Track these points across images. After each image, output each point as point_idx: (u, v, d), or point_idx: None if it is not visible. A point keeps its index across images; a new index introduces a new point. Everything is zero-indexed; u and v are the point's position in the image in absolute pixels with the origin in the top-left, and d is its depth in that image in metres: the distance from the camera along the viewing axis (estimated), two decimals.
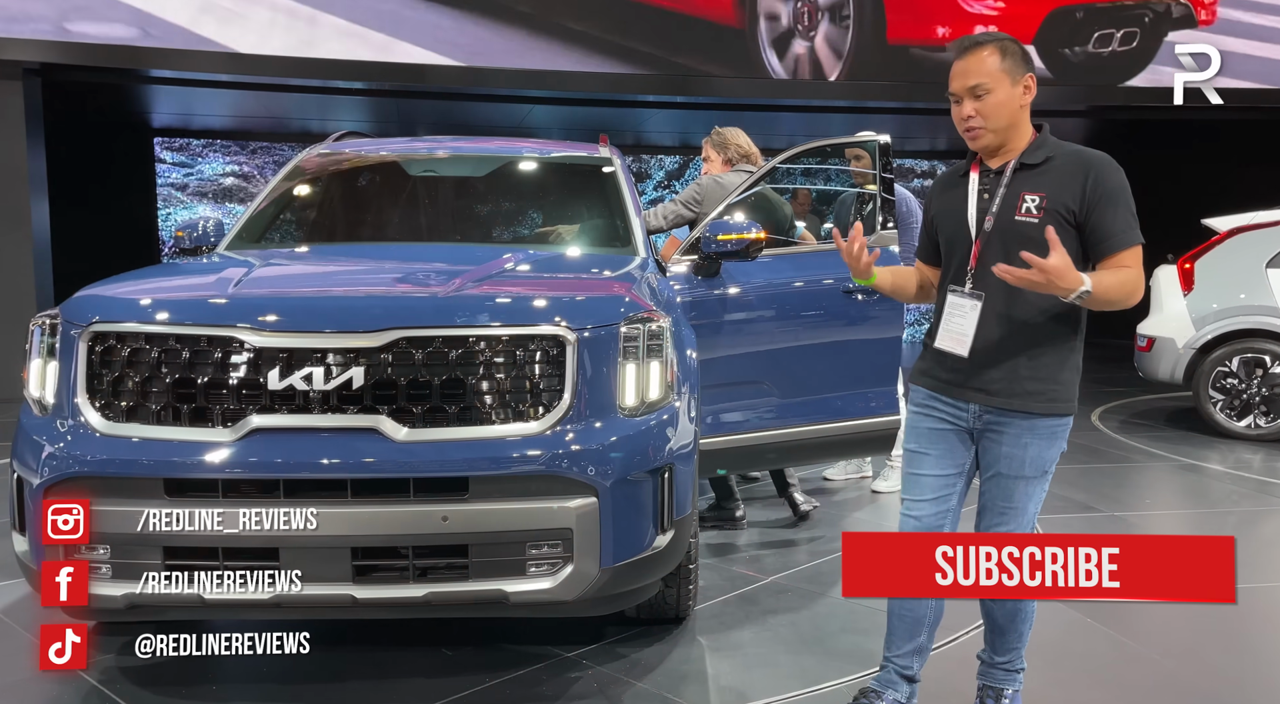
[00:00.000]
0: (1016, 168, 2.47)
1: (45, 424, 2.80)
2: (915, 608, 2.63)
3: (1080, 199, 2.39)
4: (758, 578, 4.02)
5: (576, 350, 2.81)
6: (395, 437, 2.68)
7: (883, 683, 2.69)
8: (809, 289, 4.39)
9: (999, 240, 2.45)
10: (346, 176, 4.55)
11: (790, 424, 4.36)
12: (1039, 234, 2.37)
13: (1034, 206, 2.41)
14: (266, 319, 2.71)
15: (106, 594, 2.66)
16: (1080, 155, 2.45)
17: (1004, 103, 2.44)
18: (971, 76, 2.44)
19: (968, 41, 2.48)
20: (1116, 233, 2.39)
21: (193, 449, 2.66)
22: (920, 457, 2.62)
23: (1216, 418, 7.33)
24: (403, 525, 2.67)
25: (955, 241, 2.56)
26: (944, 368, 2.56)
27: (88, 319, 2.79)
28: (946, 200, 2.61)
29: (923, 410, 2.63)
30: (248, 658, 3.10)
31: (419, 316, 2.76)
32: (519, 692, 2.97)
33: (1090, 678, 3.15)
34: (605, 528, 2.76)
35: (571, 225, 4.34)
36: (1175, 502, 5.56)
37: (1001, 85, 2.43)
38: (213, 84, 10.02)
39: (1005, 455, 2.49)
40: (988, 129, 2.45)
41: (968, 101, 2.45)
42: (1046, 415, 2.47)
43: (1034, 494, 2.52)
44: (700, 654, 3.25)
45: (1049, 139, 2.50)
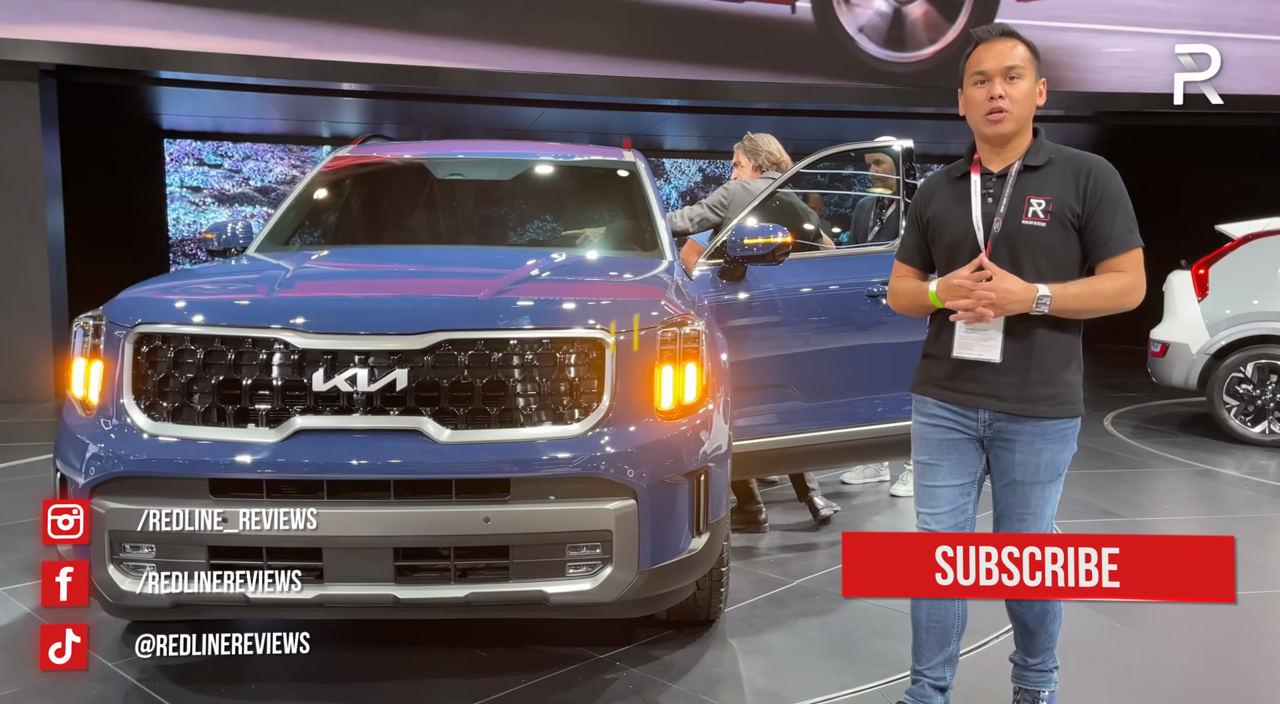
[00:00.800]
0: (1020, 170, 2.45)
1: (90, 424, 2.82)
2: (943, 618, 2.61)
3: (1081, 202, 2.39)
4: (783, 581, 4.04)
5: (615, 353, 2.83)
6: (438, 438, 2.70)
7: (917, 697, 2.66)
8: (833, 293, 4.40)
9: (1007, 245, 2.43)
10: (374, 180, 4.58)
11: (814, 428, 4.38)
12: (1046, 238, 2.39)
13: (1040, 210, 2.40)
14: (311, 321, 2.73)
15: (151, 592, 2.69)
16: (1078, 158, 2.45)
17: (1030, 93, 2.44)
18: (1009, 58, 2.42)
19: (1000, 28, 2.48)
20: (1115, 236, 2.39)
21: (237, 450, 2.69)
22: (932, 468, 2.59)
23: (1231, 424, 7.35)
24: (446, 526, 2.69)
25: (960, 245, 2.50)
26: (952, 376, 2.52)
27: (133, 320, 2.81)
28: (944, 204, 2.56)
29: (930, 421, 2.60)
30: (286, 658, 3.14)
31: (462, 319, 2.78)
32: (555, 693, 2.99)
33: (1123, 681, 3.16)
34: (644, 530, 2.78)
35: (598, 229, 4.37)
36: (1194, 507, 5.58)
37: (1029, 75, 2.44)
38: (223, 86, 10.06)
39: (1020, 463, 2.47)
40: (1013, 115, 2.42)
41: (999, 82, 2.42)
42: (1057, 419, 2.45)
43: (1051, 498, 2.51)
44: (733, 657, 3.27)
45: (1046, 142, 2.50)
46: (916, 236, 2.65)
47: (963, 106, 2.53)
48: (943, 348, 2.55)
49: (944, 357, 2.54)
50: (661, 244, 4.09)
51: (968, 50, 2.51)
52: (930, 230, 2.59)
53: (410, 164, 4.56)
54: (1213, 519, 5.25)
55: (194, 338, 2.77)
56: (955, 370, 2.52)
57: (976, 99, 2.46)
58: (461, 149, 4.74)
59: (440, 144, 4.90)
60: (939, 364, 2.56)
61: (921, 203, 2.64)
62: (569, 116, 11.25)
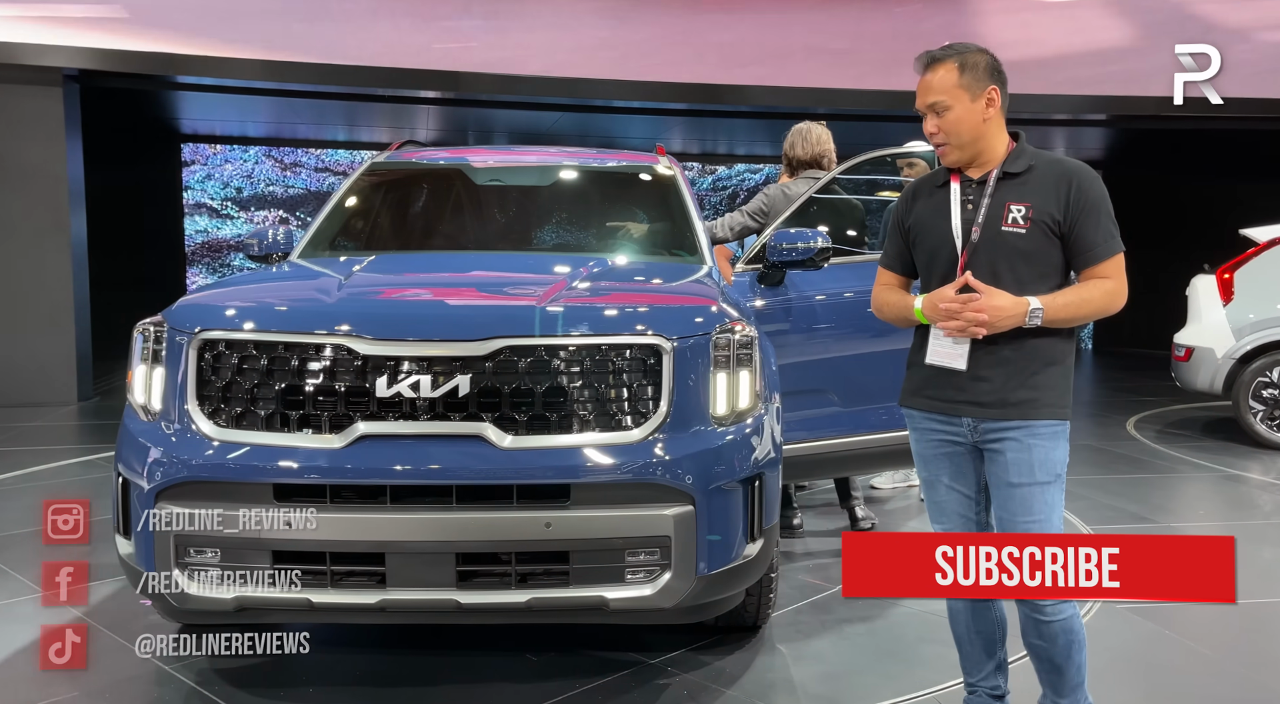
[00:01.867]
0: (1000, 177, 2.43)
1: (153, 429, 2.84)
2: (985, 629, 2.61)
3: (1064, 209, 2.37)
4: (825, 586, 4.05)
5: (672, 359, 2.85)
6: (500, 444, 2.72)
7: None
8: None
9: (985, 251, 2.41)
10: (414, 185, 4.60)
11: (851, 433, 4.40)
12: (1026, 244, 2.38)
13: (1020, 217, 2.38)
14: (375, 327, 2.75)
15: (215, 596, 2.71)
16: (1060, 164, 2.44)
17: (962, 118, 2.41)
18: (930, 93, 2.42)
19: (927, 57, 2.46)
20: (1099, 243, 2.38)
21: (302, 455, 2.71)
22: (935, 482, 2.58)
23: (1257, 428, 7.34)
24: (508, 531, 2.71)
25: (938, 253, 2.50)
26: (933, 385, 2.51)
27: (196, 327, 2.83)
28: (925, 210, 2.55)
29: (921, 433, 2.59)
30: (342, 661, 3.17)
31: (523, 326, 2.80)
32: (610, 698, 3.00)
33: (1172, 688, 3.17)
34: (701, 536, 2.79)
35: (641, 225, 4.37)
36: (1226, 513, 5.57)
37: (960, 101, 2.40)
38: (243, 91, 10.10)
39: (1013, 463, 2.41)
40: (951, 145, 2.43)
41: (930, 117, 2.43)
42: (1039, 420, 2.41)
43: (1054, 502, 2.42)
44: (784, 662, 3.29)
45: (1027, 148, 2.47)
46: (898, 243, 2.64)
47: None
48: (923, 356, 2.54)
49: (923, 364, 2.54)
50: (701, 250, 4.11)
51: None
52: (911, 237, 2.59)
53: (449, 170, 4.58)
54: (1248, 525, 5.23)
55: (258, 344, 2.79)
56: (936, 379, 2.49)
57: (925, 132, 2.50)
58: (500, 155, 4.76)
59: (478, 150, 4.93)
60: (920, 372, 2.55)
61: (903, 209, 2.64)
62: (584, 121, 11.29)
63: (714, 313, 3.03)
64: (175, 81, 9.78)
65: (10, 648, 3.34)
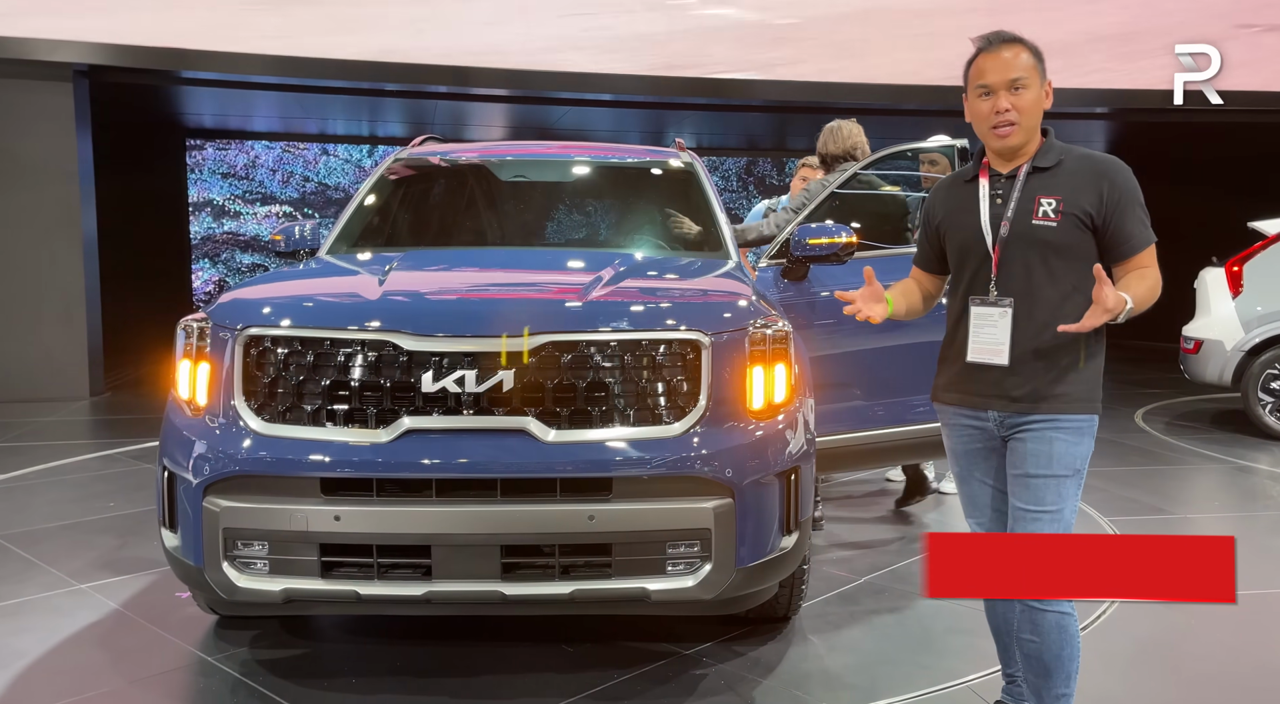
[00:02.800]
0: (1030, 171, 2.43)
1: (200, 425, 2.87)
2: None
3: (1099, 204, 2.37)
4: (851, 578, 4.09)
5: (711, 354, 2.88)
6: (544, 438, 2.76)
7: (1016, 696, 2.69)
8: None
9: (1017, 246, 2.42)
10: (439, 181, 4.63)
11: (875, 426, 4.44)
12: (1057, 237, 2.37)
13: (1051, 210, 2.38)
14: (420, 324, 2.78)
15: (264, 589, 2.75)
16: (1091, 159, 2.44)
17: (1037, 101, 2.41)
18: (1013, 69, 2.39)
19: (1002, 35, 2.43)
20: (1135, 234, 2.39)
21: (349, 450, 2.74)
22: (968, 477, 2.62)
23: (1266, 420, 7.39)
24: (552, 524, 2.74)
25: (969, 249, 2.50)
26: (966, 380, 2.52)
27: (242, 324, 2.87)
28: (954, 207, 2.55)
29: (952, 429, 2.61)
30: (382, 651, 3.21)
31: (565, 321, 2.84)
32: (650, 688, 3.04)
33: (1211, 680, 3.21)
34: (740, 528, 2.83)
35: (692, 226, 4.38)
36: (1241, 504, 5.61)
37: (1035, 83, 2.40)
38: (251, 86, 10.10)
39: (1031, 453, 2.41)
40: (1020, 126, 2.39)
41: (1004, 95, 2.39)
42: (1068, 414, 2.41)
43: (1068, 495, 2.41)
44: (818, 652, 3.33)
45: (1056, 143, 2.48)
46: (927, 241, 2.67)
47: (969, 115, 2.51)
48: (956, 352, 2.56)
49: (956, 360, 2.55)
50: (726, 244, 4.15)
51: (970, 58, 2.48)
52: (941, 234, 2.60)
53: (474, 166, 4.61)
54: (1263, 516, 5.29)
55: (304, 340, 2.83)
56: (969, 373, 2.51)
57: (982, 112, 2.43)
58: (523, 150, 4.78)
59: (500, 145, 4.96)
60: (952, 368, 2.57)
61: (932, 207, 2.65)
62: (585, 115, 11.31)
63: (750, 308, 3.07)
64: (183, 77, 9.78)
65: (53, 640, 3.37)
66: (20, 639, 3.37)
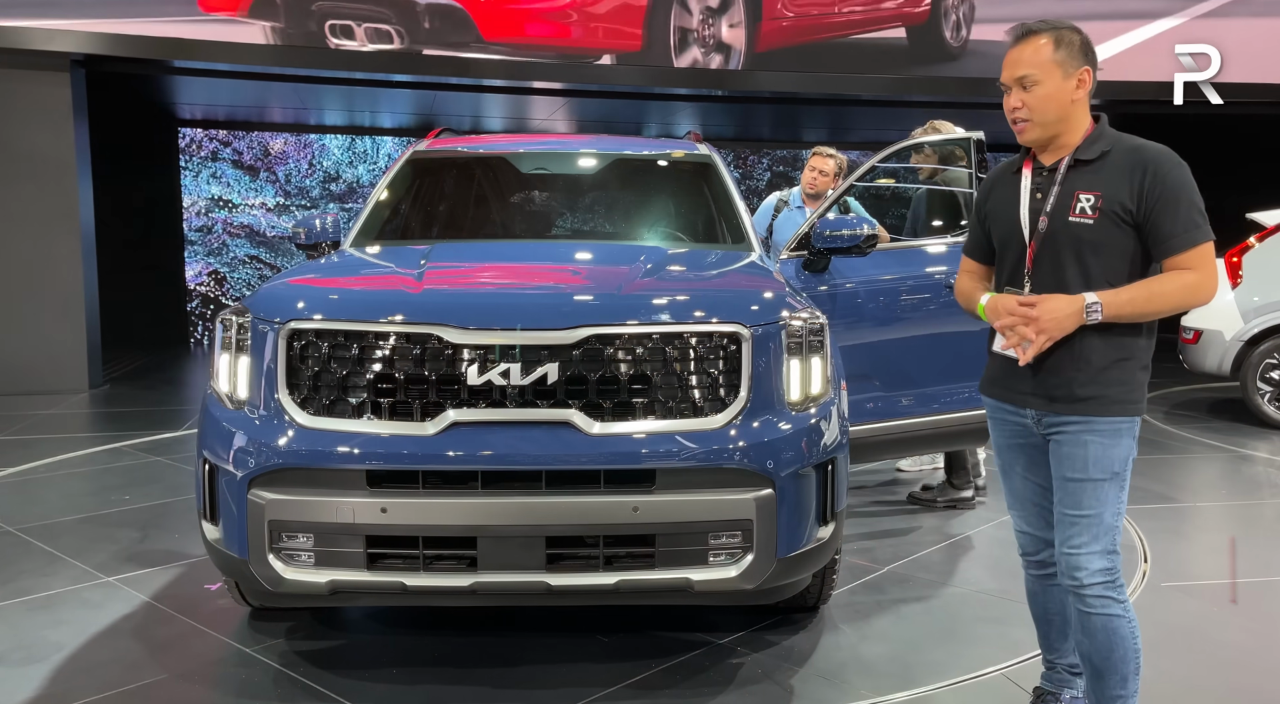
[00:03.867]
0: (1071, 165, 2.37)
1: (243, 418, 2.88)
2: (1060, 610, 2.63)
3: (1138, 198, 2.29)
4: (874, 567, 4.13)
5: (751, 346, 2.91)
6: (589, 430, 2.78)
7: (1055, 683, 2.72)
8: (915, 283, 4.49)
9: (1052, 242, 2.38)
10: (458, 174, 4.63)
11: (893, 417, 4.48)
12: (1093, 235, 2.31)
13: (1089, 207, 2.32)
14: (466, 317, 2.79)
15: (310, 580, 2.76)
16: (1139, 150, 2.34)
17: (1052, 96, 2.33)
18: (1020, 66, 2.35)
19: (1023, 29, 2.38)
20: (1177, 233, 2.27)
21: (395, 443, 2.75)
22: (1009, 472, 2.62)
23: (1265, 409, 7.48)
24: (597, 515, 2.76)
25: (1009, 242, 2.48)
26: (1006, 374, 2.51)
27: (285, 317, 2.87)
28: (999, 198, 2.53)
29: (996, 423, 2.61)
30: (423, 643, 3.23)
31: (608, 314, 2.85)
32: (687, 677, 3.07)
33: (1238, 664, 3.27)
34: (781, 519, 2.86)
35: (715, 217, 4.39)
36: (1248, 492, 5.68)
37: (1052, 77, 2.33)
38: (244, 76, 10.02)
39: (1067, 456, 2.39)
40: (1034, 122, 2.36)
41: (1015, 92, 2.37)
42: (1103, 416, 2.36)
43: (1107, 499, 2.37)
44: (850, 642, 3.37)
45: (1106, 131, 2.39)
46: (977, 230, 2.64)
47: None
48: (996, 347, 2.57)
49: (997, 354, 2.55)
50: (748, 236, 4.17)
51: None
52: (986, 225, 2.58)
53: (493, 158, 4.61)
54: (1275, 504, 5.36)
55: (348, 334, 2.83)
56: (1010, 368, 2.48)
57: (1005, 108, 2.42)
58: (542, 143, 4.79)
59: (519, 138, 4.96)
60: (996, 361, 2.57)
61: (982, 197, 2.63)
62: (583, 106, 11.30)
63: (787, 300, 3.10)
64: (174, 66, 9.69)
65: (89, 632, 3.38)
66: (58, 631, 3.38)
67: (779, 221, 5.77)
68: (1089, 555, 2.38)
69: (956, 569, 4.13)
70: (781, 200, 5.88)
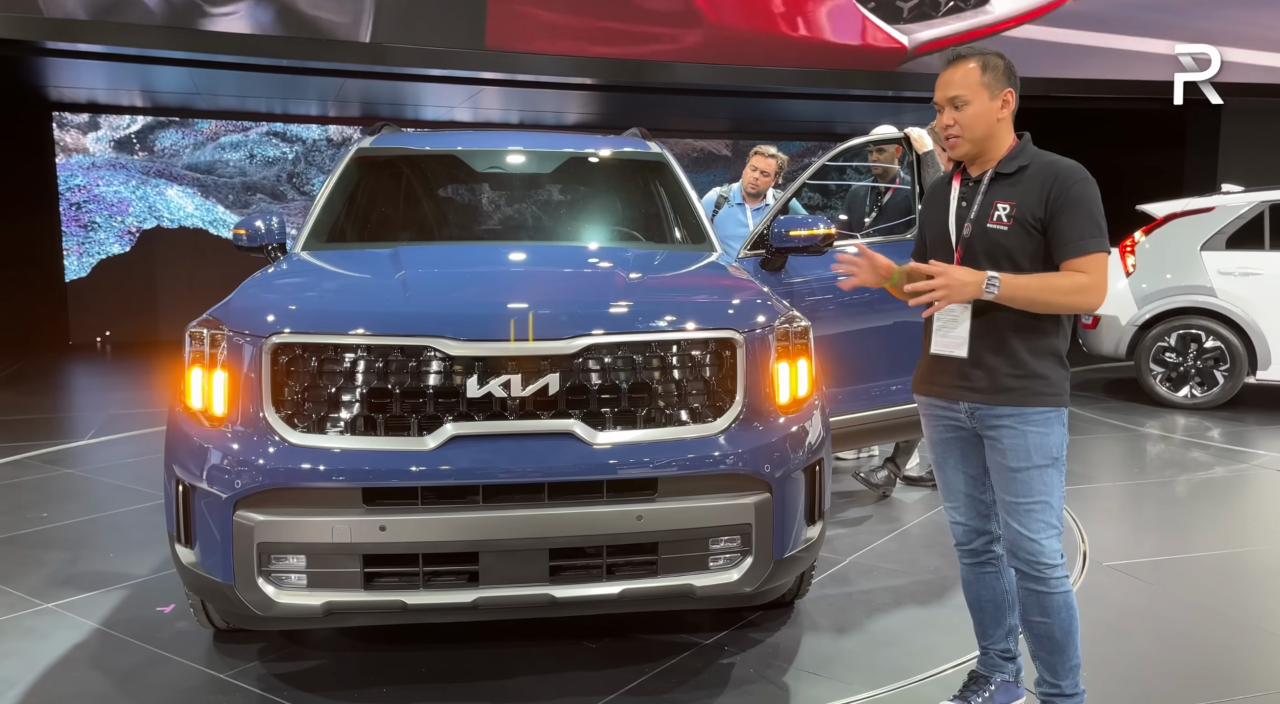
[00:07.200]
0: (993, 177, 2.59)
1: (221, 436, 2.73)
2: (993, 598, 2.81)
3: (1045, 205, 2.50)
4: (837, 559, 4.22)
5: (744, 351, 2.92)
6: (592, 440, 2.74)
7: (989, 667, 2.88)
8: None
9: (974, 246, 2.59)
10: (408, 171, 4.48)
11: (845, 411, 4.58)
12: (1008, 241, 2.54)
13: (1004, 215, 2.54)
14: (461, 329, 2.72)
15: (304, 603, 2.65)
16: (1052, 165, 2.56)
17: (981, 115, 2.55)
18: (951, 87, 2.57)
19: (954, 53, 2.61)
20: (1072, 240, 2.48)
21: (393, 458, 2.66)
22: (943, 464, 2.78)
23: (1157, 389, 7.97)
24: (600, 526, 2.74)
25: (938, 245, 2.69)
26: (936, 372, 2.68)
27: (267, 330, 2.73)
28: (932, 207, 2.76)
29: (929, 419, 2.77)
30: (414, 660, 3.14)
31: (606, 323, 2.81)
32: (684, 680, 3.08)
33: (1194, 638, 3.47)
34: (777, 521, 2.90)
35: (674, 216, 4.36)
36: (1162, 470, 6.02)
37: (980, 98, 2.55)
38: (123, 58, 9.47)
39: (1009, 448, 2.55)
40: (964, 138, 2.58)
41: (948, 111, 2.58)
42: (1032, 407, 2.54)
43: (1053, 483, 2.56)
44: (832, 637, 3.43)
45: (1027, 148, 2.61)
46: (919, 235, 2.85)
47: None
48: (927, 345, 2.73)
49: (929, 353, 2.72)
50: (707, 235, 4.18)
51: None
52: (925, 230, 2.79)
53: (444, 155, 4.48)
54: (1185, 480, 5.70)
55: (339, 347, 2.72)
56: (939, 366, 2.68)
57: (938, 126, 2.64)
58: (490, 138, 4.69)
59: (467, 133, 4.84)
60: (926, 360, 2.74)
61: (924, 203, 2.86)
62: (509, 95, 11.11)
63: (774, 305, 3.13)
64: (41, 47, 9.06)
65: (41, 664, 3.16)
66: (6, 665, 3.15)
67: (720, 218, 5.81)
68: (1048, 540, 2.57)
69: (915, 558, 4.25)
70: (722, 196, 5.92)
